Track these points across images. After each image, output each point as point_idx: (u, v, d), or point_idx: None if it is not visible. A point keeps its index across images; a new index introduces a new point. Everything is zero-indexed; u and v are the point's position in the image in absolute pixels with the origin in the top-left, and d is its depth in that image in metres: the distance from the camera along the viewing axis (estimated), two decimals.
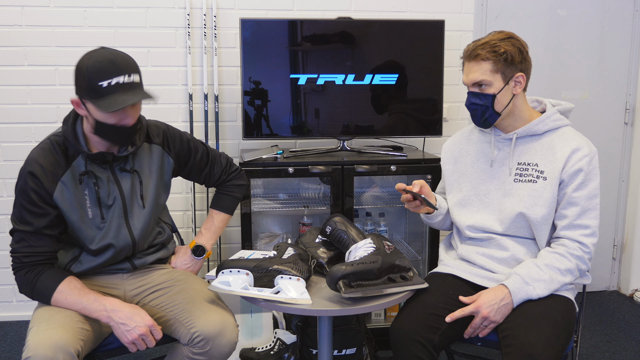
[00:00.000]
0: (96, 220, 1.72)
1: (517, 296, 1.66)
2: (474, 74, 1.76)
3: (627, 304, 3.25)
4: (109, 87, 1.55)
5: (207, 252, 1.97)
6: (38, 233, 1.64)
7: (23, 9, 2.76)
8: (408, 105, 2.69)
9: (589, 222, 1.72)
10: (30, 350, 1.49)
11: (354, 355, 2.26)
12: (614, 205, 3.36)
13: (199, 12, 2.85)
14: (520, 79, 1.78)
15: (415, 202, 1.83)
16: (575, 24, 3.15)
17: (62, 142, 1.69)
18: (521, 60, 1.76)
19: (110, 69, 1.56)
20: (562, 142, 1.78)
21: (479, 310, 1.65)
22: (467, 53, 1.78)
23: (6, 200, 2.91)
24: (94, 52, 1.62)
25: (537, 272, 1.67)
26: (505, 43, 1.74)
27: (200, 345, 1.65)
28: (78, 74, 1.60)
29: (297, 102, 2.64)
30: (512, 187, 1.82)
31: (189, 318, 1.69)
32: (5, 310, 3.01)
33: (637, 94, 3.26)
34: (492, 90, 1.75)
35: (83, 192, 1.69)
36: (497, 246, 1.83)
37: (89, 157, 1.68)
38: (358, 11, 2.94)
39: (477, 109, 1.79)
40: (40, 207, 1.64)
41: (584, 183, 1.73)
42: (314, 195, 2.84)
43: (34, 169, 1.63)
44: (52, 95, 2.84)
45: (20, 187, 1.66)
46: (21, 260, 1.65)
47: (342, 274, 1.52)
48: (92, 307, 1.63)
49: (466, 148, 1.96)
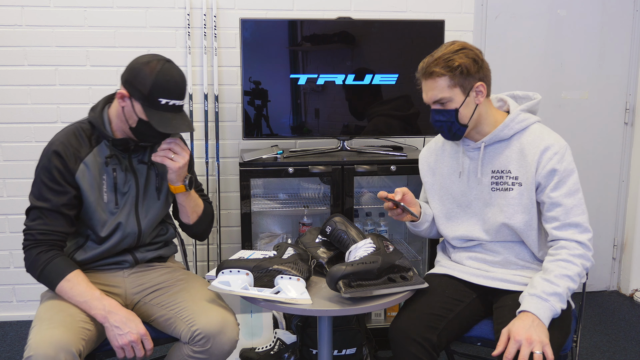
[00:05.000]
0: (110, 205, 1.77)
1: (542, 314, 1.55)
2: (432, 91, 1.72)
3: (627, 304, 3.25)
4: (165, 105, 1.66)
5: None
6: (55, 211, 1.68)
7: (23, 9, 2.76)
8: (408, 105, 2.69)
9: (577, 219, 1.69)
10: (32, 349, 1.49)
11: (354, 355, 2.26)
12: (614, 205, 3.37)
13: (199, 12, 2.85)
14: (480, 88, 1.72)
15: (398, 210, 1.83)
16: (575, 24, 3.15)
17: (87, 128, 1.76)
18: (477, 70, 1.70)
19: (174, 91, 1.66)
20: (531, 144, 1.74)
21: (512, 335, 1.54)
22: (422, 71, 1.74)
23: (6, 200, 2.91)
24: (162, 65, 1.66)
25: (549, 286, 1.60)
26: (458, 56, 1.68)
27: (201, 343, 1.66)
28: (138, 77, 1.64)
29: (297, 102, 2.64)
30: (491, 196, 1.80)
31: (190, 316, 1.70)
32: (5, 310, 3.01)
33: (637, 94, 3.26)
34: (453, 105, 1.71)
35: (102, 177, 1.75)
36: (488, 251, 1.84)
37: (113, 144, 1.75)
38: (358, 11, 2.94)
39: (443, 125, 1.75)
40: (61, 185, 1.69)
41: (561, 181, 1.70)
42: (314, 195, 2.84)
43: (59, 148, 1.69)
44: (52, 95, 2.84)
45: (43, 165, 1.70)
46: (36, 237, 1.68)
47: (342, 274, 1.52)
48: (93, 304, 1.64)
49: (441, 159, 1.93)
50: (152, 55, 1.69)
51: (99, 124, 1.74)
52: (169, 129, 1.66)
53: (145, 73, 1.64)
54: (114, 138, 1.75)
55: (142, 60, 1.67)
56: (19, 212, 2.89)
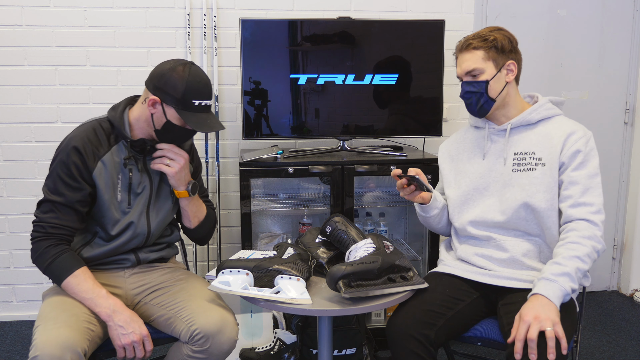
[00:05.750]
0: (123, 205, 1.79)
1: (552, 294, 1.54)
2: (467, 62, 1.82)
3: (627, 304, 3.26)
4: (198, 106, 1.73)
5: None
6: (69, 206, 1.69)
7: (23, 9, 2.76)
8: (408, 105, 2.69)
9: (592, 199, 1.71)
10: (38, 349, 1.49)
11: (354, 355, 2.26)
12: (614, 205, 3.37)
13: (199, 12, 2.85)
14: (512, 67, 1.82)
15: (410, 188, 1.84)
16: (575, 24, 3.15)
17: (107, 126, 1.79)
18: (511, 50, 1.82)
19: (205, 92, 1.74)
20: (557, 129, 1.81)
21: (521, 317, 1.53)
22: (459, 46, 1.86)
23: (6, 200, 2.91)
24: (189, 68, 1.72)
25: (557, 267, 1.60)
26: (495, 33, 1.81)
27: (200, 342, 1.66)
28: (168, 83, 1.70)
29: (297, 102, 2.64)
30: (512, 177, 1.82)
31: (190, 316, 1.70)
32: (5, 310, 3.01)
33: (637, 94, 3.26)
34: (485, 77, 1.80)
35: (117, 176, 1.77)
36: (496, 247, 1.83)
37: (131, 145, 1.78)
38: (358, 11, 2.94)
39: (472, 97, 1.83)
40: (77, 181, 1.70)
41: (583, 163, 1.74)
42: (314, 195, 2.84)
43: (78, 144, 1.71)
44: (52, 95, 2.84)
45: (61, 159, 1.71)
46: (46, 230, 1.68)
47: (342, 274, 1.52)
48: (99, 302, 1.65)
49: (462, 146, 1.98)
50: (176, 61, 1.75)
51: (120, 124, 1.77)
52: (206, 129, 1.73)
53: (175, 78, 1.70)
54: (132, 139, 1.78)
55: (167, 67, 1.72)
56: (19, 212, 2.92)
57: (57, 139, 2.83)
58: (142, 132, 1.79)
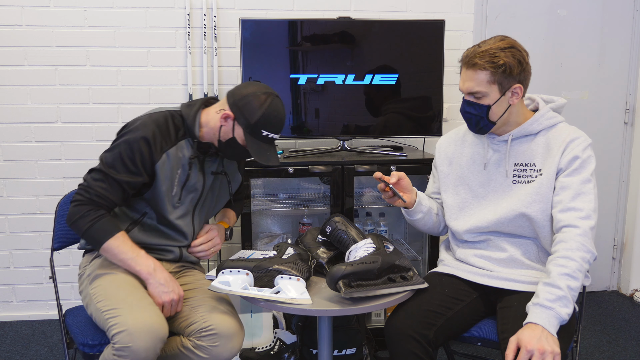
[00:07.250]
0: (174, 199, 1.83)
1: (548, 324, 1.53)
2: (470, 82, 1.72)
3: (627, 304, 3.26)
4: (265, 137, 1.79)
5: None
6: (118, 182, 1.73)
7: (23, 9, 2.76)
8: (408, 105, 2.69)
9: (582, 205, 1.68)
10: (130, 339, 1.53)
11: (354, 355, 2.26)
12: (614, 205, 3.37)
13: (199, 12, 2.85)
14: (517, 90, 1.73)
15: (389, 193, 1.83)
16: (575, 24, 3.15)
17: (178, 121, 1.83)
18: (520, 72, 1.71)
19: (277, 126, 1.81)
20: (557, 137, 1.77)
21: (522, 345, 1.52)
22: (465, 59, 1.73)
23: (6, 200, 2.91)
24: (272, 100, 1.78)
25: (550, 292, 1.57)
26: (505, 54, 1.68)
27: (209, 338, 1.66)
28: (247, 106, 1.76)
29: (297, 102, 2.64)
30: (511, 188, 1.80)
31: (207, 312, 1.72)
32: (5, 310, 3.01)
33: (637, 94, 3.26)
34: (487, 102, 1.72)
35: (177, 170, 1.81)
36: (494, 247, 1.83)
37: (199, 146, 1.84)
38: (358, 11, 2.94)
39: (472, 118, 1.77)
40: (137, 168, 1.74)
41: (578, 169, 1.71)
42: (314, 195, 2.84)
43: (149, 135, 1.74)
44: (52, 95, 2.84)
45: (128, 140, 1.74)
46: (91, 196, 1.72)
47: (342, 274, 1.52)
48: (140, 260, 1.72)
49: (460, 150, 1.94)
50: (263, 87, 1.81)
51: (192, 123, 1.81)
52: (263, 160, 1.79)
53: (255, 105, 1.75)
54: (200, 141, 1.83)
55: (252, 90, 1.78)
56: (19, 212, 2.92)
57: (57, 139, 2.86)
58: (207, 136, 1.84)
